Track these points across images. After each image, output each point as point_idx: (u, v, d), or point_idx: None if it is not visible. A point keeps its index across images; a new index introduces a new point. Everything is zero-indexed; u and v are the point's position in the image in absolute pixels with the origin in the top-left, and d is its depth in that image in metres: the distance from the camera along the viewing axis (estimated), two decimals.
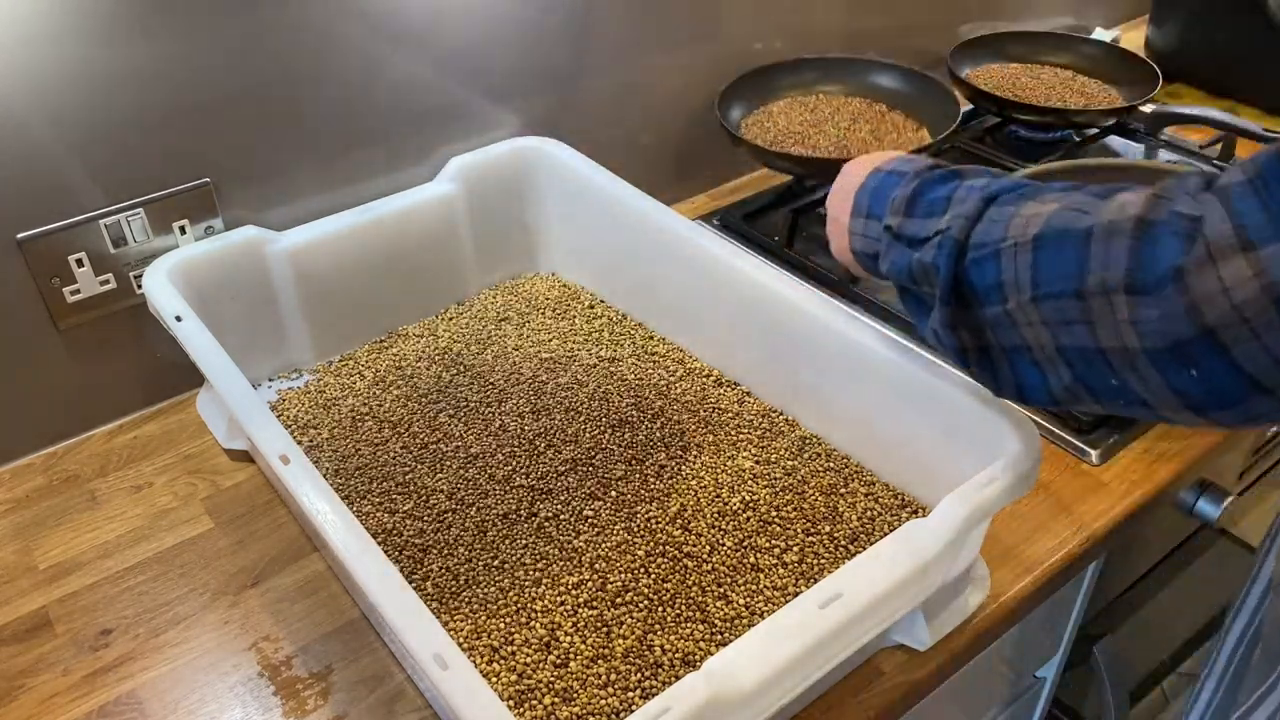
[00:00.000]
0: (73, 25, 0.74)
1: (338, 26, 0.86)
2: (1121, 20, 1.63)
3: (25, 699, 0.67)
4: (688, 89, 1.14)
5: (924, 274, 0.58)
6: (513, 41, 0.98)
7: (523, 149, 1.00)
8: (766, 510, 0.76)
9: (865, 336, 0.75)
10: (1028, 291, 0.51)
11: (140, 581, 0.75)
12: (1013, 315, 0.53)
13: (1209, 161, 1.20)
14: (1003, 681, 0.96)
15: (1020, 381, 0.56)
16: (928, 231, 0.58)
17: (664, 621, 0.68)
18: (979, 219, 0.55)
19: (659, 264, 0.91)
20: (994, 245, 0.53)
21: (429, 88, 0.95)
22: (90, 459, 0.85)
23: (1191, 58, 1.41)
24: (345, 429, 0.85)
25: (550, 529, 0.75)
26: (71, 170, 0.79)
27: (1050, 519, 0.78)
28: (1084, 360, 0.50)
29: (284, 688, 0.67)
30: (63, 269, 0.81)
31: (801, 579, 0.71)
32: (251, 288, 0.87)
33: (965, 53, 1.33)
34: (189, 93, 0.81)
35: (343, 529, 0.59)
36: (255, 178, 0.88)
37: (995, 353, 0.56)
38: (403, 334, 0.96)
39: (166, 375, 0.89)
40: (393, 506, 0.77)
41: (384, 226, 0.92)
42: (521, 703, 0.64)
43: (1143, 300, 0.46)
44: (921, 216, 0.60)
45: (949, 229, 0.56)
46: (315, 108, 0.88)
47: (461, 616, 0.69)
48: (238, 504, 0.81)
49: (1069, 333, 0.50)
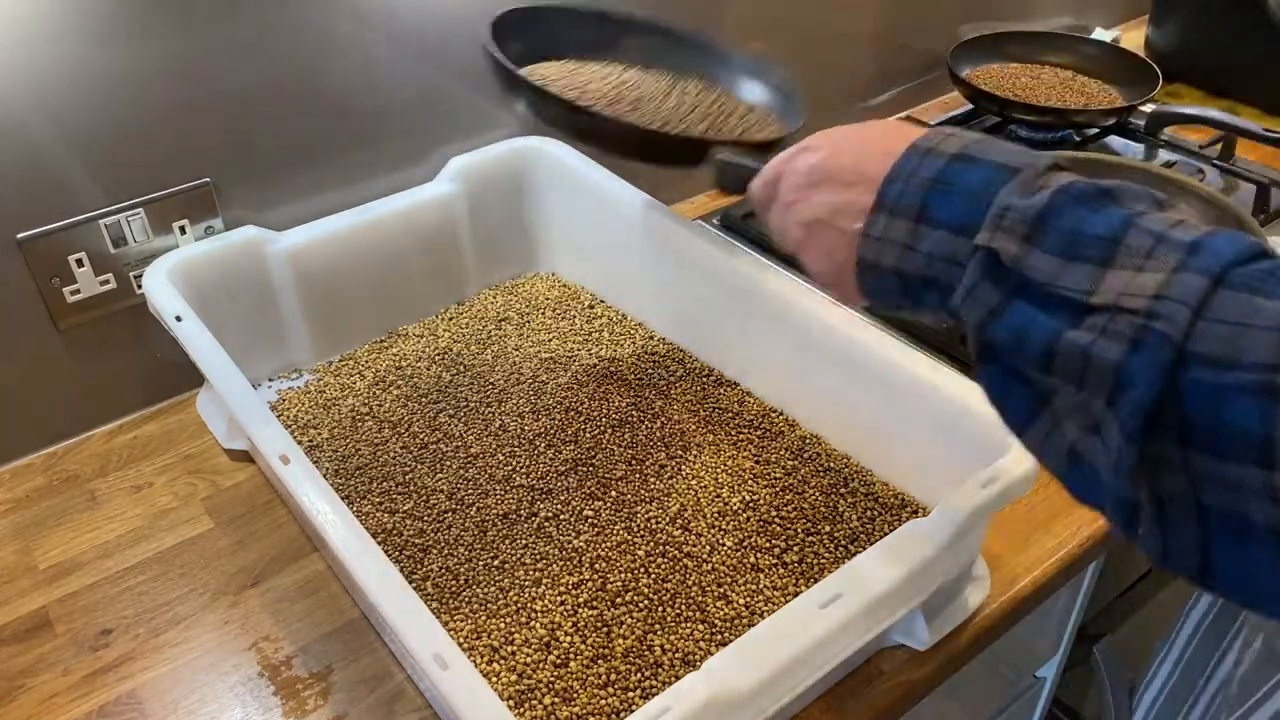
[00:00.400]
0: (73, 25, 0.74)
1: (337, 26, 0.86)
2: (1121, 20, 1.63)
3: (25, 699, 0.67)
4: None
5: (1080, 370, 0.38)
6: None
7: (522, 149, 1.00)
8: (766, 510, 0.76)
9: (865, 336, 0.75)
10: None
11: (140, 581, 0.75)
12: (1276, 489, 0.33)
13: (1209, 161, 1.20)
14: (1003, 681, 0.95)
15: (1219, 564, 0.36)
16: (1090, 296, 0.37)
17: (664, 621, 0.68)
18: (1208, 306, 0.35)
19: (659, 264, 0.91)
20: (1258, 370, 0.33)
21: (429, 88, 0.95)
22: (90, 459, 0.85)
23: (1191, 58, 1.41)
24: (345, 429, 0.85)
25: (550, 529, 0.75)
26: (71, 170, 0.79)
27: (1050, 519, 0.78)
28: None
29: (284, 688, 0.67)
30: (63, 269, 0.81)
31: (801, 579, 0.71)
32: (251, 288, 0.87)
33: (965, 53, 1.33)
34: (189, 92, 0.81)
35: (343, 529, 0.59)
36: (255, 178, 0.88)
37: (1186, 522, 0.36)
38: (403, 334, 0.96)
39: (166, 375, 0.89)
40: (393, 506, 0.77)
41: (384, 226, 0.92)
42: (521, 703, 0.64)
43: None
44: (1067, 256, 0.39)
45: (1156, 313, 0.35)
46: (315, 107, 0.88)
47: (461, 616, 0.69)
48: (238, 504, 0.81)
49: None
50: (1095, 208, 0.39)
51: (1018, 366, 0.40)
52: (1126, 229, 0.38)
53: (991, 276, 0.40)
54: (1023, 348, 0.39)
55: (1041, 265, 0.39)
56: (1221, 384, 0.34)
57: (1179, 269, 0.36)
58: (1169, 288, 0.36)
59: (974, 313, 0.41)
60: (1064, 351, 0.38)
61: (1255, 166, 1.18)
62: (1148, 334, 0.35)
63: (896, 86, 1.37)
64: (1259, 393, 0.33)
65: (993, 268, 0.40)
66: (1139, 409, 0.35)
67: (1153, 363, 0.35)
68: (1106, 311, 0.37)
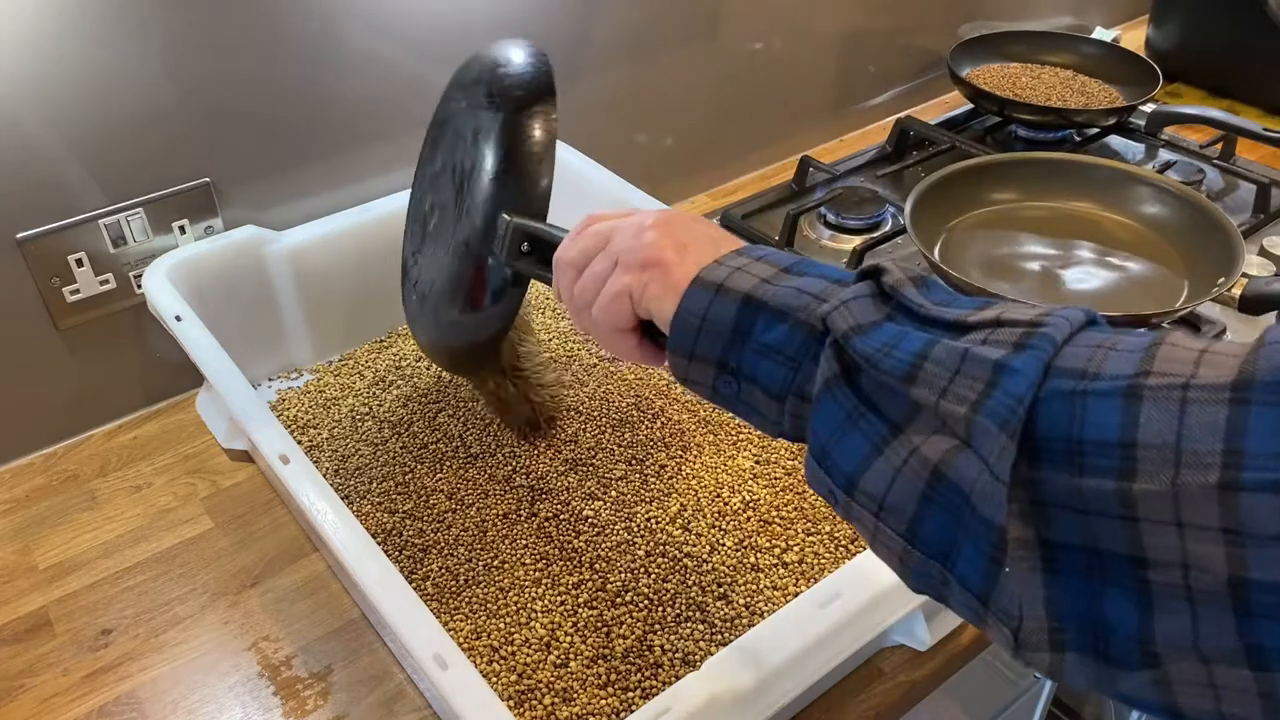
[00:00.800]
0: (72, 25, 0.74)
1: (338, 26, 0.86)
2: (1121, 20, 1.63)
3: (25, 699, 0.67)
4: (688, 88, 1.14)
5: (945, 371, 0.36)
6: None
7: None
8: (766, 510, 0.76)
9: None
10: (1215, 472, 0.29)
11: (140, 581, 0.75)
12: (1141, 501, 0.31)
13: (1209, 161, 1.20)
14: (1003, 681, 0.95)
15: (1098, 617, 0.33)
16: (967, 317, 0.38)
17: (664, 621, 0.68)
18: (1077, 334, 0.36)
19: None
20: (1124, 379, 0.32)
21: (429, 88, 0.95)
22: (90, 459, 0.85)
23: (1191, 58, 1.41)
24: (345, 429, 0.85)
25: (550, 529, 0.75)
26: (71, 170, 0.79)
27: None
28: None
29: (284, 688, 0.67)
30: (62, 269, 0.81)
31: (801, 579, 0.71)
32: (251, 288, 0.87)
33: (965, 53, 1.33)
34: (189, 92, 0.81)
35: (343, 529, 0.59)
36: (255, 177, 0.88)
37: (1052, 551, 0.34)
38: (403, 334, 0.96)
39: (166, 375, 0.89)
40: (393, 506, 0.77)
41: (384, 226, 0.92)
42: (521, 703, 0.64)
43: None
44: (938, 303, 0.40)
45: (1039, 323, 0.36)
46: (315, 107, 0.88)
47: (461, 616, 0.69)
48: (238, 504, 0.81)
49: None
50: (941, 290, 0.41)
51: (877, 382, 0.38)
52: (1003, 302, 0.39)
53: (873, 298, 0.40)
54: (890, 356, 0.38)
55: (923, 299, 0.40)
56: (1085, 390, 0.33)
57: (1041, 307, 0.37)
58: (1049, 315, 0.36)
59: (844, 320, 0.40)
60: (937, 356, 0.37)
61: (1255, 166, 1.18)
62: (1032, 337, 0.35)
63: (896, 86, 1.37)
64: (1126, 396, 0.32)
65: (876, 291, 0.41)
66: (1020, 403, 0.33)
67: (1035, 359, 0.34)
68: (987, 327, 0.37)
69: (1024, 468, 0.33)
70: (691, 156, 1.18)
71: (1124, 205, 0.99)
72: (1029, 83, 1.30)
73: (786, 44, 1.20)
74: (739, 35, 1.15)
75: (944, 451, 0.36)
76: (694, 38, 1.11)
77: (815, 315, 0.41)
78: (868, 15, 1.27)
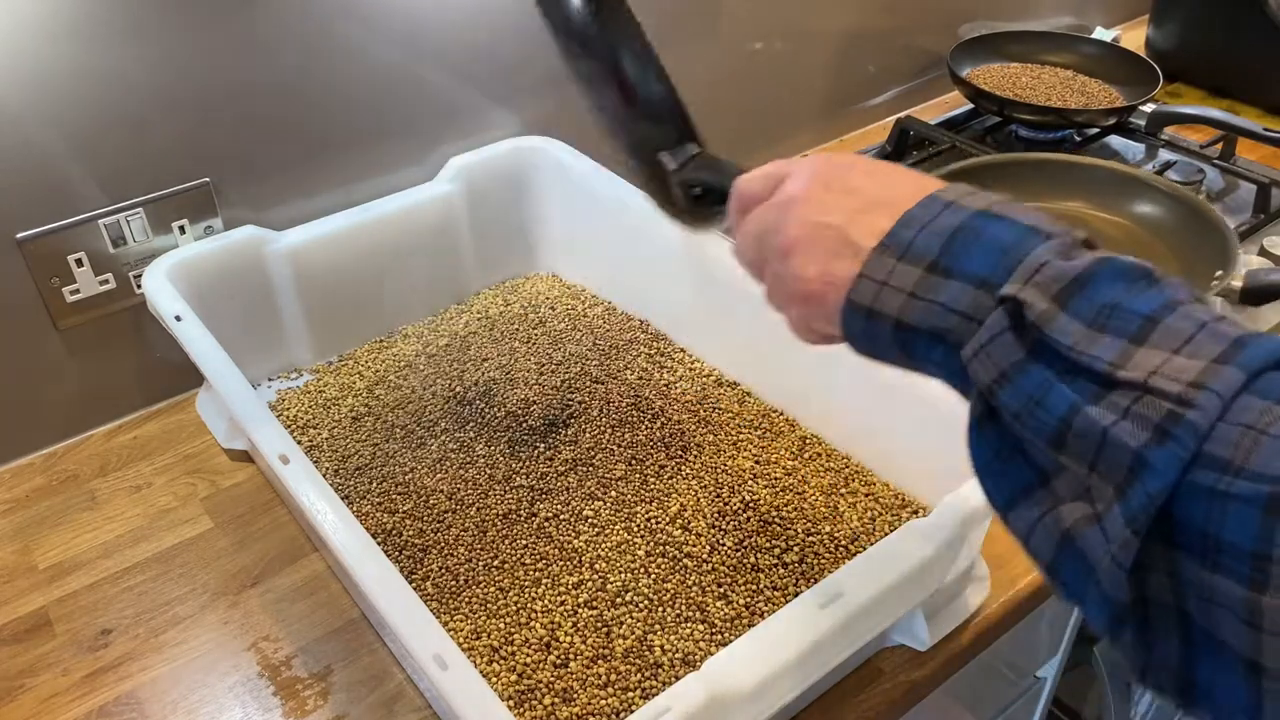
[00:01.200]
0: (72, 25, 0.74)
1: (337, 26, 0.86)
2: (1121, 20, 1.63)
3: (25, 699, 0.67)
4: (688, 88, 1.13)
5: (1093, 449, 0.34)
6: (513, 41, 0.98)
7: (523, 149, 1.00)
8: (766, 510, 0.76)
9: None
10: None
11: (140, 581, 0.75)
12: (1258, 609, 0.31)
13: (1209, 161, 1.20)
14: (1003, 681, 0.95)
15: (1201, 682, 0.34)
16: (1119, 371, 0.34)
17: (664, 621, 0.68)
18: (1231, 405, 0.32)
19: (659, 264, 0.91)
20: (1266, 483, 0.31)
21: (428, 87, 0.95)
22: (90, 459, 0.85)
23: (1191, 58, 1.41)
24: (345, 429, 0.85)
25: (550, 529, 0.75)
26: (71, 170, 0.78)
27: None
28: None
29: (284, 688, 0.67)
30: (62, 269, 0.81)
31: (801, 579, 0.71)
32: (251, 288, 0.87)
33: (965, 53, 1.33)
34: (189, 92, 0.81)
35: (343, 529, 0.59)
36: (255, 178, 0.88)
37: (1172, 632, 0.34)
38: (403, 334, 0.96)
39: (166, 375, 0.89)
40: (393, 506, 0.77)
41: (384, 226, 0.92)
42: (521, 703, 0.64)
43: None
44: (1092, 325, 0.35)
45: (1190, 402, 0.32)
46: (315, 107, 0.88)
47: (461, 616, 0.69)
48: (238, 504, 0.81)
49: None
50: (1136, 284, 0.36)
51: (1023, 437, 0.37)
52: (1168, 311, 0.35)
53: (1013, 331, 0.36)
54: (1035, 416, 0.36)
55: (1070, 329, 0.35)
56: (1227, 491, 0.31)
57: (1221, 360, 0.33)
58: (1208, 376, 0.32)
59: (986, 372, 0.37)
60: (1079, 427, 0.34)
61: (1255, 166, 1.18)
62: (1177, 423, 0.32)
63: (896, 86, 1.37)
64: (1260, 504, 0.31)
65: (1016, 323, 0.36)
66: (1152, 502, 0.32)
67: (1175, 457, 0.32)
68: (1134, 389, 0.33)
69: (1161, 546, 0.33)
70: None
71: (1120, 206, 0.99)
72: (1029, 83, 1.30)
73: (786, 44, 1.20)
74: (739, 35, 1.15)
75: (1077, 519, 0.35)
76: (694, 38, 1.11)
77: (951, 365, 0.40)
78: (868, 15, 1.27)
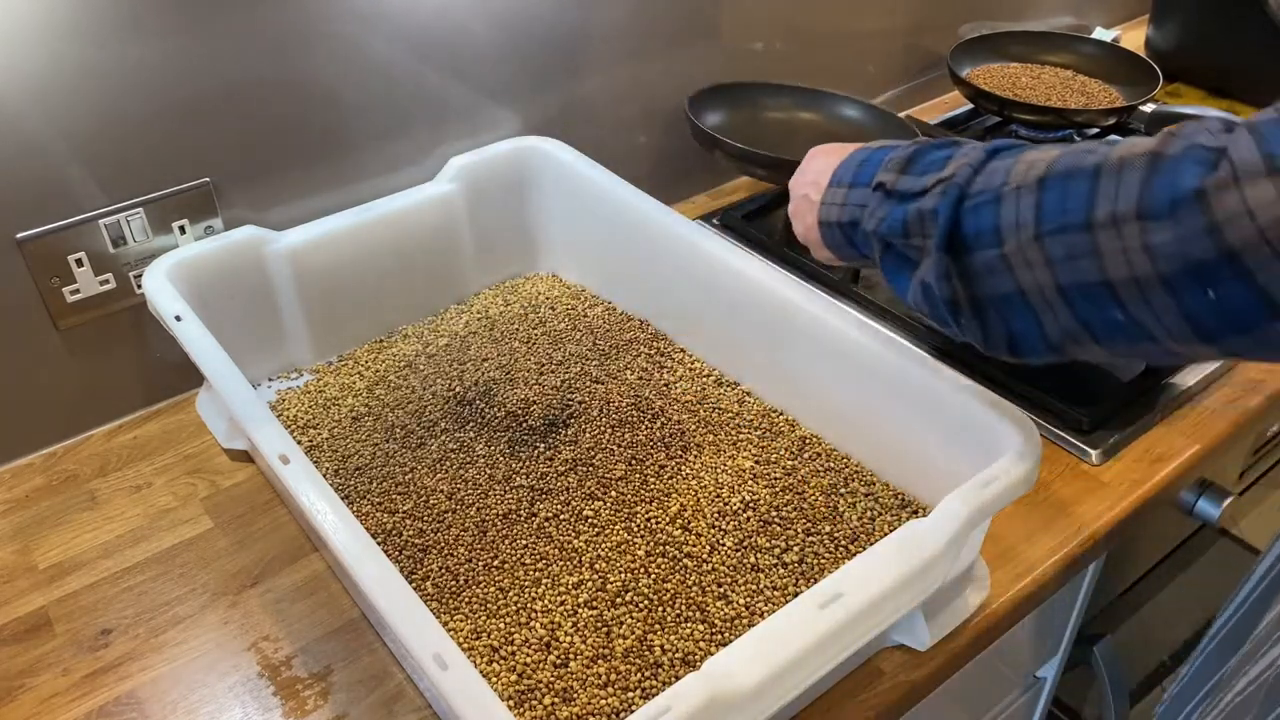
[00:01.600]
0: (72, 25, 0.74)
1: (338, 26, 0.86)
2: (1121, 20, 1.63)
3: (25, 699, 0.67)
4: (688, 88, 1.14)
5: (919, 224, 0.58)
6: (513, 41, 0.98)
7: (523, 149, 1.00)
8: (766, 510, 0.76)
9: (865, 336, 0.75)
10: (1030, 230, 0.51)
11: (140, 581, 0.75)
12: (1009, 259, 0.53)
13: None
14: (1003, 681, 0.95)
15: (1012, 331, 0.55)
16: (926, 184, 0.59)
17: (664, 621, 0.68)
18: (981, 169, 0.56)
19: (659, 264, 0.91)
20: (995, 190, 0.54)
21: (429, 88, 0.95)
22: (90, 459, 0.85)
23: (1191, 58, 1.41)
24: (345, 429, 0.85)
25: (550, 529, 0.75)
26: (71, 170, 0.79)
27: (1050, 519, 0.78)
28: (1087, 298, 0.50)
29: (284, 688, 0.67)
30: (62, 269, 0.81)
31: (801, 579, 0.71)
32: (251, 288, 0.87)
33: (965, 53, 1.33)
34: (189, 92, 0.81)
35: (343, 529, 0.59)
36: (255, 178, 0.88)
37: (985, 304, 0.56)
38: (403, 334, 0.96)
39: (166, 375, 0.89)
40: (393, 506, 0.77)
41: (384, 226, 0.92)
42: (521, 703, 0.64)
43: (1157, 225, 0.46)
44: (918, 174, 0.60)
45: (953, 176, 0.57)
46: (315, 107, 0.88)
47: (461, 616, 0.69)
48: (238, 504, 0.81)
49: (1073, 269, 0.50)
50: (941, 147, 0.61)
51: (891, 242, 0.61)
52: (955, 150, 0.59)
53: (881, 197, 0.62)
54: (894, 229, 0.60)
55: (905, 181, 0.61)
56: (978, 203, 0.55)
57: (971, 154, 0.58)
58: (963, 160, 0.57)
59: (871, 223, 0.63)
60: (911, 217, 0.59)
61: None
62: (947, 186, 0.57)
63: (896, 86, 1.37)
64: (994, 201, 0.54)
65: (881, 192, 0.62)
66: (943, 229, 0.56)
67: (950, 201, 0.56)
68: (937, 185, 0.58)
69: (965, 256, 0.56)
70: (691, 156, 1.18)
71: None
72: (1029, 83, 1.30)
73: (786, 44, 1.20)
74: (739, 35, 1.15)
75: (923, 268, 0.59)
76: (694, 38, 1.11)
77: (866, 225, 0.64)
78: (868, 15, 1.27)
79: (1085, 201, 0.49)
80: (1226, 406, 0.88)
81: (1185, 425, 0.86)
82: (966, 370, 0.75)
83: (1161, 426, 0.86)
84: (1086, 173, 0.49)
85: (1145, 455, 0.83)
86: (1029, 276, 0.52)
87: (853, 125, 1.16)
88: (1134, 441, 0.84)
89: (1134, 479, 0.81)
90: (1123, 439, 0.84)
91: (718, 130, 1.08)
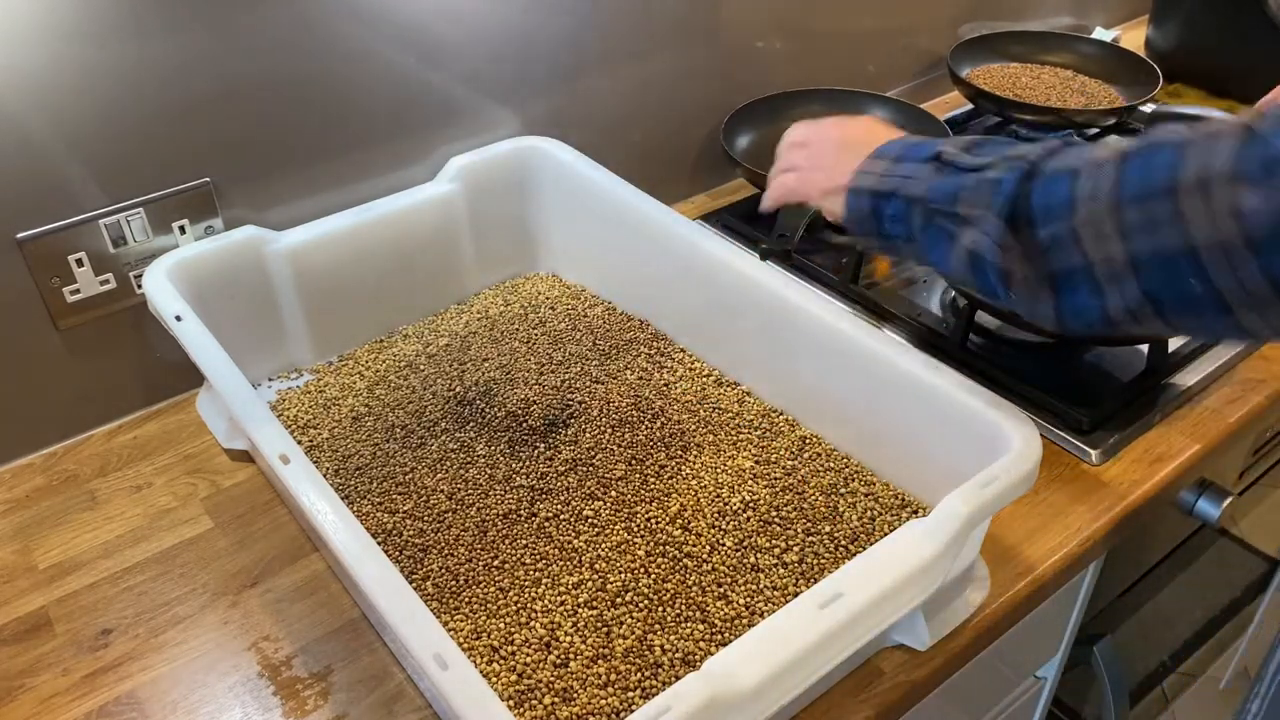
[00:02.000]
0: (72, 25, 0.74)
1: (338, 26, 0.86)
2: (1121, 20, 1.63)
3: (25, 699, 0.67)
4: (688, 88, 1.14)
5: (976, 193, 0.59)
6: (513, 41, 0.98)
7: (523, 149, 1.00)
8: (766, 510, 0.76)
9: (865, 336, 0.75)
10: (1106, 199, 0.52)
11: (140, 581, 0.75)
12: (1079, 232, 0.53)
13: None
14: (1003, 681, 0.95)
15: (1071, 305, 0.56)
16: (990, 160, 0.60)
17: (664, 621, 0.68)
18: (1055, 151, 0.57)
19: (659, 264, 0.91)
20: (1071, 166, 0.55)
21: (429, 88, 0.95)
22: (90, 459, 0.85)
23: (1191, 58, 1.41)
24: (345, 429, 0.85)
25: (550, 529, 0.75)
26: (71, 170, 0.79)
27: (1050, 519, 0.78)
28: (1164, 266, 0.50)
29: (284, 688, 0.67)
30: (62, 269, 0.81)
31: (801, 579, 0.71)
32: (251, 287, 0.87)
33: (965, 53, 1.33)
34: (189, 92, 0.81)
35: (343, 529, 0.59)
36: (255, 178, 0.88)
37: (1045, 279, 0.56)
38: (403, 334, 0.96)
39: (166, 375, 0.89)
40: (393, 506, 0.77)
41: (384, 226, 0.92)
42: (521, 703, 0.64)
43: (1250, 189, 0.46)
44: (982, 154, 0.61)
45: (1024, 155, 0.58)
46: (315, 107, 0.88)
47: (461, 616, 0.69)
48: (238, 504, 0.81)
49: (1152, 237, 0.50)
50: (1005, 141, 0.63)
51: (936, 216, 0.62)
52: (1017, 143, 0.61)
53: (937, 166, 0.63)
54: (946, 195, 0.61)
55: (967, 158, 0.61)
56: (1052, 176, 0.55)
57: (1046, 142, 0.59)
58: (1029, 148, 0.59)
59: (920, 188, 0.63)
60: (969, 185, 0.60)
61: None
62: (1016, 161, 0.58)
63: (896, 86, 1.37)
64: (1071, 175, 0.54)
65: (937, 163, 0.63)
66: (1007, 198, 0.57)
67: (1018, 173, 0.57)
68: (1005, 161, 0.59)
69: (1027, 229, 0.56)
70: (691, 156, 1.18)
71: None
72: (1029, 83, 1.30)
73: (786, 44, 1.20)
74: (739, 35, 1.15)
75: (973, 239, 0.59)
76: (694, 38, 1.11)
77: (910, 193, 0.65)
78: (868, 15, 1.27)
79: (1171, 169, 0.49)
80: (1226, 406, 0.88)
81: (1185, 425, 0.86)
82: (966, 370, 0.75)
83: (1161, 426, 0.86)
84: (1173, 146, 0.50)
85: (1145, 455, 0.83)
86: (1099, 249, 0.53)
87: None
88: (1134, 441, 0.84)
89: (1134, 479, 0.81)
90: (1123, 439, 0.84)
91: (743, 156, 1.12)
